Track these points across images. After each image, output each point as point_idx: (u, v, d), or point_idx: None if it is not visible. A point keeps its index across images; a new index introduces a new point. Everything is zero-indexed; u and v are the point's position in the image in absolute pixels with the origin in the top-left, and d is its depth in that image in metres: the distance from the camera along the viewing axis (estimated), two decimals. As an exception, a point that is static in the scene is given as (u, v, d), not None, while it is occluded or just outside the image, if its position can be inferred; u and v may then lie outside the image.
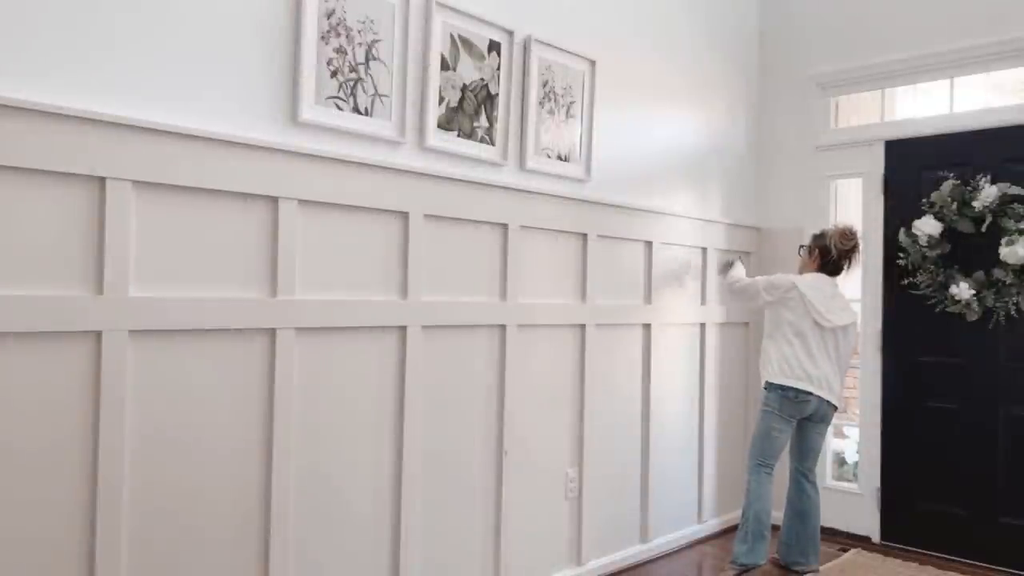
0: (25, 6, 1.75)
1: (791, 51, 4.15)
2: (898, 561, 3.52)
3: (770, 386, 3.23)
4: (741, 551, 3.23)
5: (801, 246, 3.50)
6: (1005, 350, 3.46)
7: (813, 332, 3.21)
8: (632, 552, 3.43)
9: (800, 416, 3.22)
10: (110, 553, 1.87)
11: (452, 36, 2.65)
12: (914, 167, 3.72)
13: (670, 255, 3.63)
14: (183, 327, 2.00)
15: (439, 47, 2.60)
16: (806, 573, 3.30)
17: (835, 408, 3.29)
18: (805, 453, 3.34)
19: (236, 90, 2.12)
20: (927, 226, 3.55)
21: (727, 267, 3.81)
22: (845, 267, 3.32)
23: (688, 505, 3.79)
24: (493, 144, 2.82)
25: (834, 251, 3.28)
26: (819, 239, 3.35)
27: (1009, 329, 3.43)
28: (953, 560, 3.54)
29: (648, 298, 3.50)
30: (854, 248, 3.30)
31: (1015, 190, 3.37)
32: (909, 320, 3.72)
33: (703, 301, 3.85)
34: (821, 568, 3.34)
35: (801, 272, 3.40)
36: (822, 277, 3.30)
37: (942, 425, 3.63)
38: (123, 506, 1.90)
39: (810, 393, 3.18)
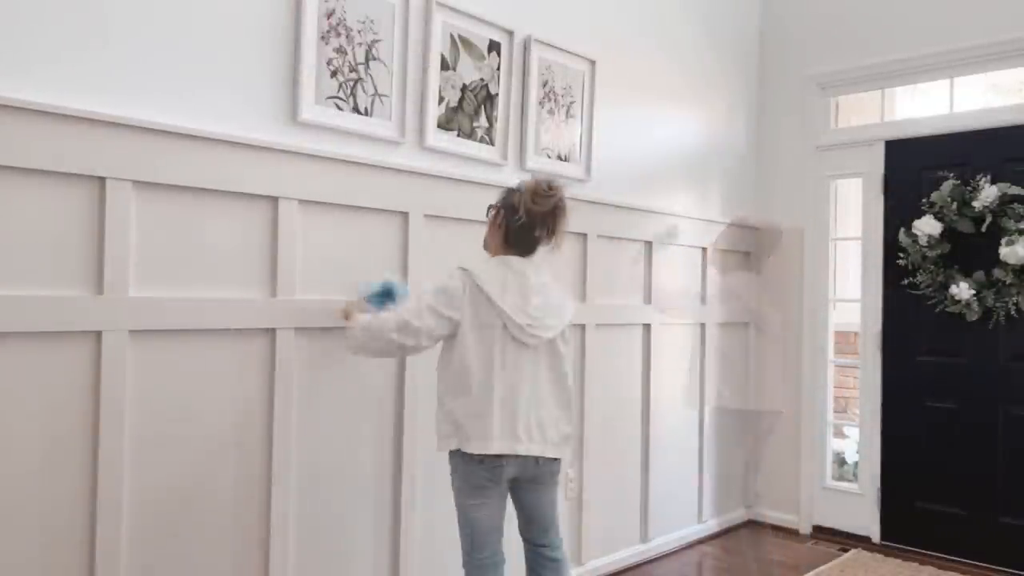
0: (25, 6, 1.75)
1: (791, 51, 4.15)
2: (898, 561, 3.53)
3: (450, 455, 2.13)
4: None
5: (490, 206, 2.25)
6: (1005, 350, 3.46)
7: (508, 354, 2.07)
8: (632, 552, 3.43)
9: (498, 483, 2.10)
10: (110, 553, 1.87)
11: (452, 36, 2.65)
12: (914, 167, 3.72)
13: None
14: (183, 327, 2.00)
15: (439, 47, 2.60)
16: None
17: (555, 461, 2.16)
18: (529, 523, 2.24)
19: (236, 90, 2.12)
20: (927, 226, 3.55)
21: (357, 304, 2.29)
22: (545, 241, 2.16)
23: (688, 505, 3.79)
24: (493, 144, 2.82)
25: (523, 213, 2.10)
26: (504, 196, 2.18)
27: (1009, 329, 3.43)
28: (953, 560, 3.53)
29: (648, 298, 3.50)
30: (555, 209, 2.12)
31: (1015, 190, 3.37)
32: (909, 320, 3.71)
33: (703, 301, 3.85)
34: (822, 568, 3.34)
35: (487, 249, 2.24)
36: (510, 260, 2.14)
37: (942, 425, 3.62)
38: (123, 506, 1.90)
39: (501, 455, 2.04)
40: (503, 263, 2.13)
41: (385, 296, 2.27)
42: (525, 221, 2.10)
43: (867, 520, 3.83)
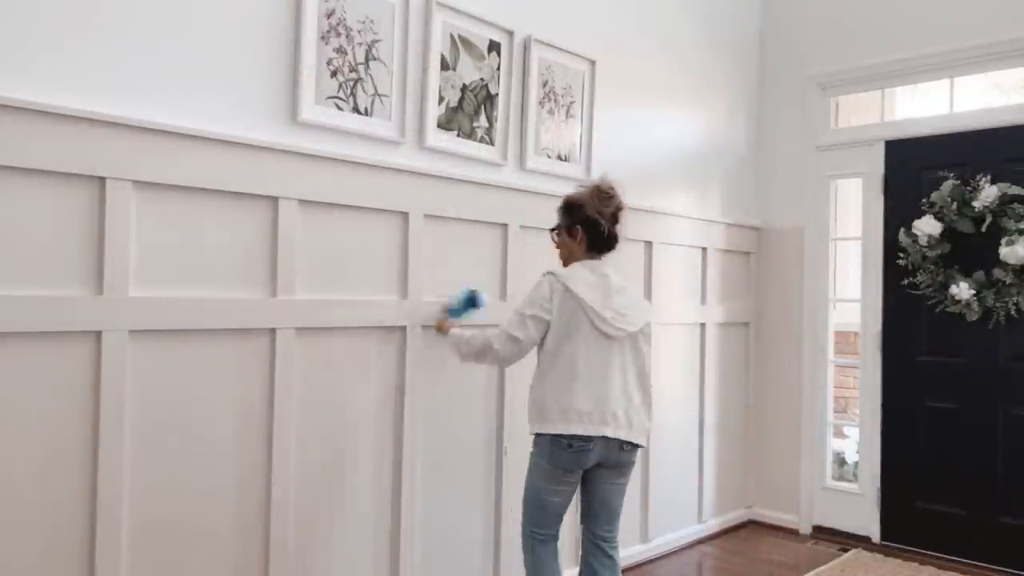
0: (25, 6, 1.75)
1: (791, 51, 4.15)
2: (898, 561, 3.52)
3: (537, 436, 2.29)
4: None
5: (552, 229, 2.44)
6: (1005, 350, 3.46)
7: (595, 347, 2.23)
8: (632, 552, 3.42)
9: (582, 467, 2.26)
10: (110, 552, 1.87)
11: (452, 36, 2.65)
12: (914, 167, 3.72)
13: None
14: (183, 327, 2.00)
15: (439, 47, 2.60)
16: None
17: (636, 449, 2.30)
18: (597, 513, 2.37)
19: (236, 90, 2.12)
20: (927, 226, 3.55)
21: (445, 315, 2.56)
22: (614, 241, 2.35)
23: (688, 505, 3.79)
24: (493, 144, 2.82)
25: (600, 219, 2.30)
26: (574, 212, 2.34)
27: (1009, 329, 3.43)
28: (953, 560, 3.53)
29: (648, 298, 3.50)
30: (617, 210, 2.33)
31: (1015, 190, 3.37)
32: (909, 320, 3.71)
33: (703, 301, 3.85)
34: (822, 568, 3.34)
35: (567, 265, 2.38)
36: (591, 264, 2.33)
37: (942, 425, 3.62)
38: (123, 506, 1.90)
39: (590, 438, 2.20)
40: (584, 266, 2.32)
41: (469, 305, 2.55)
42: (604, 227, 2.31)
43: (867, 520, 3.83)
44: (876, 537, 3.80)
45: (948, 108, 3.68)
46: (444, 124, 2.64)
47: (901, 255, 3.67)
